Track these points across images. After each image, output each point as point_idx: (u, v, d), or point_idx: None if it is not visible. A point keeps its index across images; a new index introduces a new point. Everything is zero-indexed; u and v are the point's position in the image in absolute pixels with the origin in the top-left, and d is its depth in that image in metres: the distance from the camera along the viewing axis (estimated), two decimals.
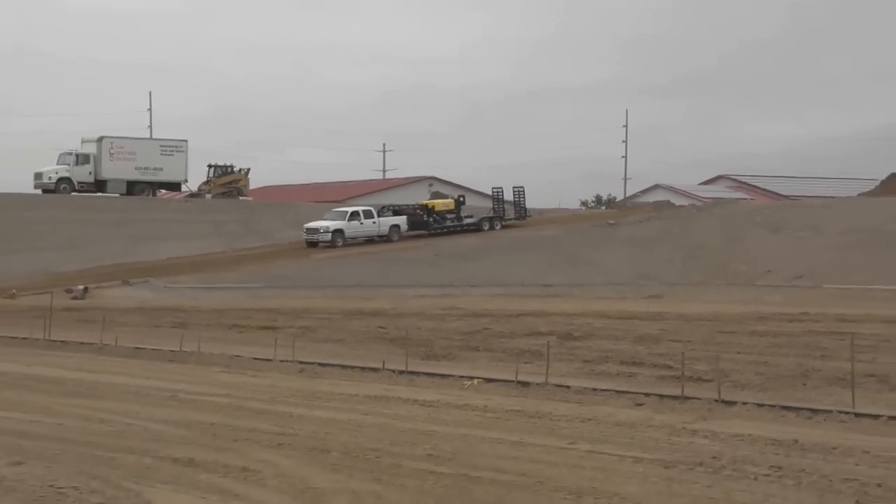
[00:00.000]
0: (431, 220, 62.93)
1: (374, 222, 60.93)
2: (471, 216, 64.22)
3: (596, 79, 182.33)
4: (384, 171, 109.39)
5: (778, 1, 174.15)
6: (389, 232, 61.06)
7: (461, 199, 66.55)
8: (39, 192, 73.75)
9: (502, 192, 67.72)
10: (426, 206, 64.25)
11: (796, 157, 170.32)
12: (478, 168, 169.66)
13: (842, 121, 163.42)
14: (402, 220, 62.23)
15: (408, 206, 65.32)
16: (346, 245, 58.48)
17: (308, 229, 59.18)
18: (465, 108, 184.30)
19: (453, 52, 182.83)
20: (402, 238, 61.09)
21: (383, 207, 63.79)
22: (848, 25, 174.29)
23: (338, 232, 58.85)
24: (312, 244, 58.57)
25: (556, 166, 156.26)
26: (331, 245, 58.28)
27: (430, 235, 61.85)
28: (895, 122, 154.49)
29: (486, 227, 63.28)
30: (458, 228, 62.98)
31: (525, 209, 67.00)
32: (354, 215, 60.39)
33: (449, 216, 63.57)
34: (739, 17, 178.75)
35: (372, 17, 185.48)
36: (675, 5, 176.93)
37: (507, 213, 65.75)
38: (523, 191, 69.13)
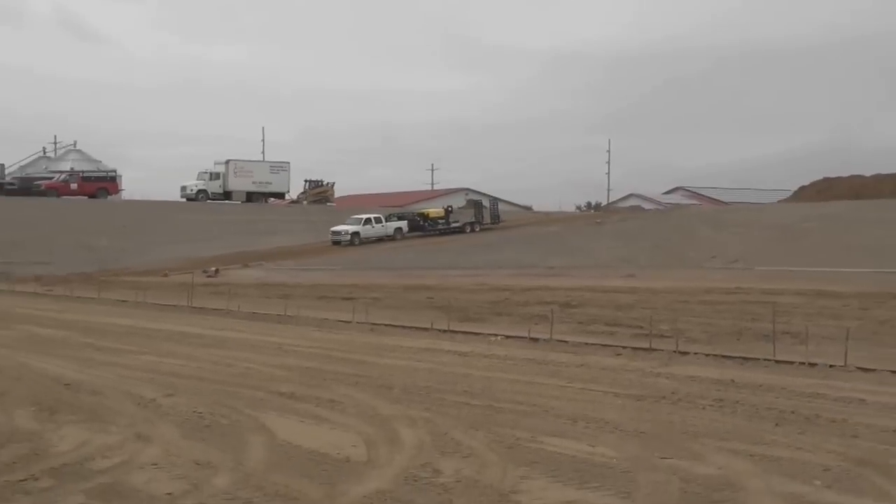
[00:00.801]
0: (426, 224, 61.47)
1: (382, 226, 59.43)
2: (457, 221, 61.49)
3: (584, 111, 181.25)
4: (432, 183, 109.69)
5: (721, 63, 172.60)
6: (394, 233, 58.94)
7: (449, 208, 63.51)
8: (184, 199, 74.59)
9: (482, 202, 66.30)
10: (422, 213, 62.46)
11: (733, 172, 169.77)
12: (499, 178, 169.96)
13: (766, 145, 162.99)
14: (404, 224, 60.28)
15: (409, 213, 63.30)
16: (361, 244, 55.89)
17: (333, 232, 57.42)
18: (484, 134, 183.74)
19: (472, 91, 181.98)
20: (404, 238, 58.59)
21: (390, 214, 62.15)
22: (771, 73, 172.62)
23: (355, 234, 57.07)
24: (336, 243, 56.35)
25: (554, 177, 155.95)
26: (350, 244, 56.05)
27: (425, 236, 59.43)
28: (804, 146, 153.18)
29: (468, 230, 60.72)
30: (447, 230, 60.47)
31: (498, 216, 64.48)
32: (367, 221, 58.89)
33: (440, 221, 61.74)
34: (686, 68, 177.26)
35: (413, 71, 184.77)
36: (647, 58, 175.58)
37: (484, 218, 62.94)
38: (497, 201, 68.10)
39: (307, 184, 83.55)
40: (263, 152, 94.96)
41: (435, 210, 63.56)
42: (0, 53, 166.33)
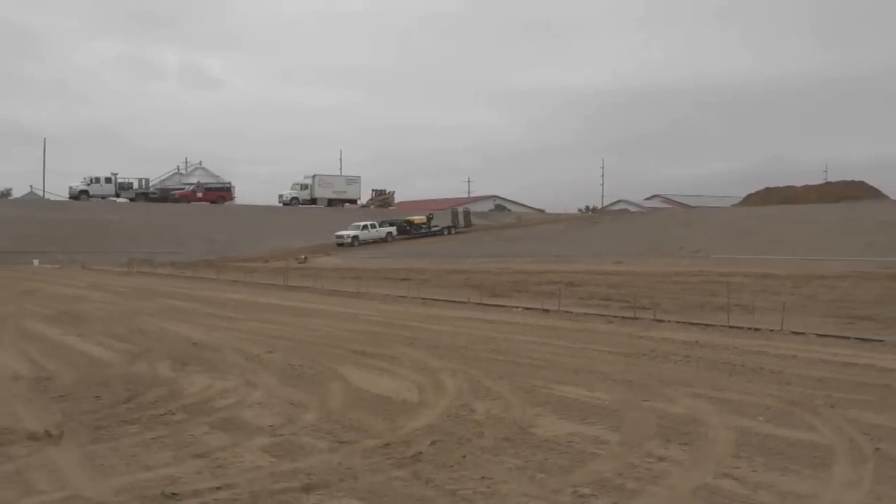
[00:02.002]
0: (411, 229, 59.38)
1: (376, 230, 57.34)
2: (437, 226, 59.21)
3: (580, 137, 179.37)
4: (468, 192, 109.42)
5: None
6: (385, 236, 56.73)
7: (431, 215, 61.34)
8: (281, 204, 75.29)
9: (458, 210, 64.53)
10: (408, 220, 60.01)
11: (697, 181, 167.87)
12: (519, 186, 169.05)
13: (723, 162, 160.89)
14: (393, 229, 57.92)
15: (397, 220, 60.54)
16: (360, 244, 53.58)
17: (337, 235, 55.17)
18: (509, 152, 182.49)
19: (500, 122, 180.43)
20: (394, 240, 56.17)
21: (383, 221, 59.96)
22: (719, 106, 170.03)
23: (355, 237, 55.17)
24: (340, 244, 54.08)
25: (561, 186, 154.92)
26: (350, 245, 53.75)
27: (410, 238, 57.00)
28: (751, 163, 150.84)
29: (446, 233, 58.45)
30: (429, 233, 58.22)
31: (469, 222, 62.23)
32: (365, 227, 57.10)
33: (423, 226, 59.68)
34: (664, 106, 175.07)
35: (455, 107, 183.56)
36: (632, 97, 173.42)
37: (459, 223, 60.82)
38: (469, 210, 66.96)
39: (373, 192, 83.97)
40: (341, 169, 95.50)
41: (419, 217, 61.04)
42: (147, 95, 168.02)
